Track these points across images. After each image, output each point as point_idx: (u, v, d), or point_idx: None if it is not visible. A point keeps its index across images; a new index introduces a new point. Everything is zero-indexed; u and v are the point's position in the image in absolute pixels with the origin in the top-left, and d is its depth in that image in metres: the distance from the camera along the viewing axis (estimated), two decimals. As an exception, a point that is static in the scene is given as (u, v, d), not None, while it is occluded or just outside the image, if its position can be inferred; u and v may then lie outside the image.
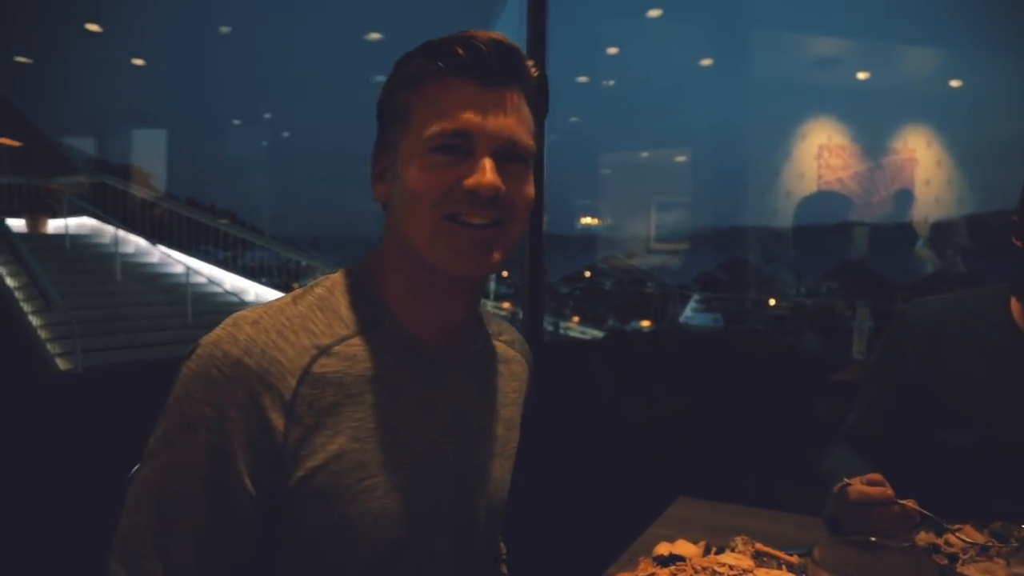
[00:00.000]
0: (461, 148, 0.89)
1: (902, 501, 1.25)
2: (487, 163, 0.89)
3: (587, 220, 10.38)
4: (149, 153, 10.64)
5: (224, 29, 10.90)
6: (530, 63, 0.96)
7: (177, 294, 8.31)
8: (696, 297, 9.58)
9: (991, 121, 8.67)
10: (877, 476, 1.26)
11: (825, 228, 8.67)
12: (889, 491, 1.23)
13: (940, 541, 1.26)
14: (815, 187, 8.22)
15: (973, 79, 8.61)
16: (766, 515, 1.45)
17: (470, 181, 0.88)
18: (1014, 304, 1.52)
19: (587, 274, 11.73)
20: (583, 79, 8.89)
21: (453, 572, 1.00)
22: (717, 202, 9.40)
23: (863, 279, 8.98)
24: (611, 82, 8.85)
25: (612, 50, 9.29)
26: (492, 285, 9.96)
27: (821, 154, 8.18)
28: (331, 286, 0.97)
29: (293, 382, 0.86)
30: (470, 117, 0.89)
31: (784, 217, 8.60)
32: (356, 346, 0.92)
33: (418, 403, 0.96)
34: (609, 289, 11.18)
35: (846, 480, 1.28)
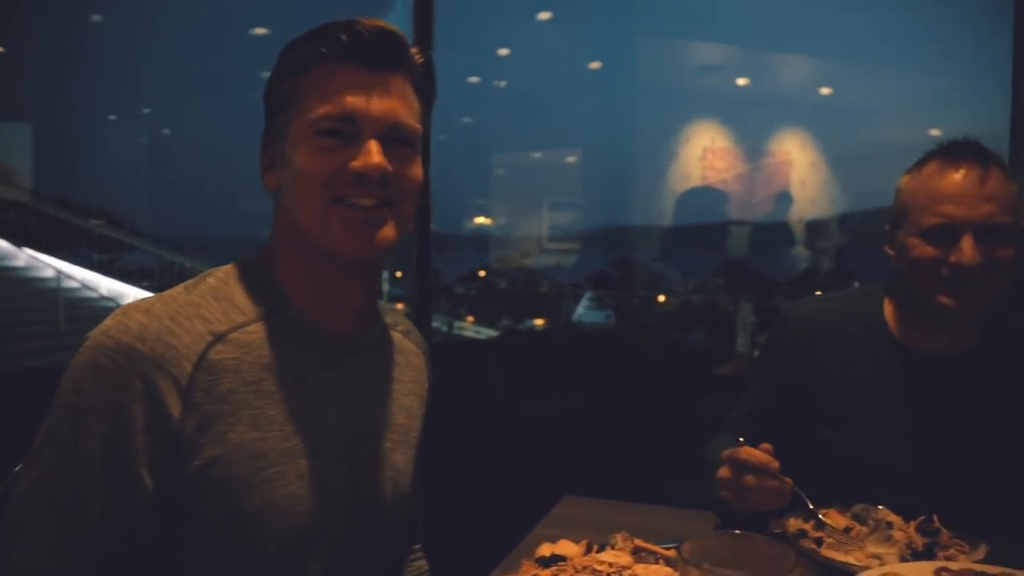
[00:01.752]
0: (347, 132, 0.90)
1: (782, 477, 1.30)
2: (373, 145, 0.89)
3: (481, 220, 10.42)
4: (10, 147, 9.89)
5: (96, 18, 10.28)
6: (414, 49, 0.96)
7: (47, 300, 7.82)
8: (588, 295, 9.78)
9: (861, 127, 9.26)
10: (767, 445, 1.31)
11: (707, 227, 9.04)
12: (775, 461, 1.28)
13: (808, 526, 1.31)
14: (699, 187, 8.55)
15: (844, 87, 9.18)
16: (649, 510, 1.47)
17: (356, 163, 0.89)
18: (887, 306, 1.58)
19: (482, 274, 11.78)
20: (475, 79, 8.92)
21: (360, 561, 0.99)
22: (607, 202, 9.64)
23: (746, 276, 9.42)
24: (503, 83, 8.92)
25: (503, 51, 9.36)
26: (386, 287, 9.83)
27: (705, 156, 8.52)
28: (225, 276, 0.95)
29: (189, 368, 0.84)
30: (355, 101, 0.90)
31: (670, 216, 8.91)
32: (254, 333, 0.91)
33: (319, 390, 0.95)
34: (504, 288, 11.27)
35: (741, 439, 1.31)
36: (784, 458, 1.64)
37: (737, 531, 0.80)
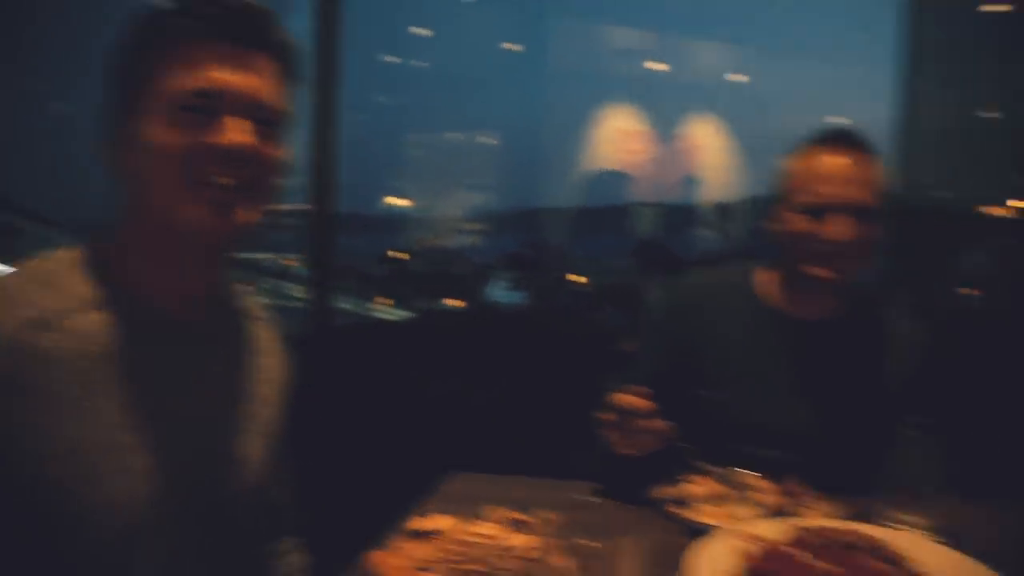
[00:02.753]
0: (209, 108, 0.87)
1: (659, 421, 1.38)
2: (235, 122, 0.87)
3: (396, 201, 10.29)
4: None
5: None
6: (280, 28, 0.94)
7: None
8: (502, 276, 9.81)
9: (768, 113, 9.57)
10: (644, 390, 1.39)
11: (619, 208, 9.19)
12: (652, 404, 1.37)
13: (678, 492, 1.38)
14: (612, 169, 8.68)
15: (753, 74, 9.45)
16: (539, 484, 1.51)
17: (219, 139, 0.86)
18: (759, 277, 1.72)
19: (398, 255, 11.64)
20: (391, 59, 8.79)
21: (207, 556, 0.96)
22: (522, 183, 9.67)
23: (658, 256, 9.63)
24: (423, 63, 8.81)
25: (420, 31, 9.23)
26: (295, 266, 9.61)
27: (618, 138, 8.64)
28: (59, 260, 0.90)
29: (9, 359, 0.80)
30: (218, 76, 0.87)
31: (583, 198, 9.02)
32: (89, 322, 0.86)
33: (160, 380, 0.91)
34: (419, 269, 11.17)
35: (616, 389, 1.40)
36: (672, 420, 1.73)
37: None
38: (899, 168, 5.02)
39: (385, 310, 10.22)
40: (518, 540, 1.09)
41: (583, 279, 9.82)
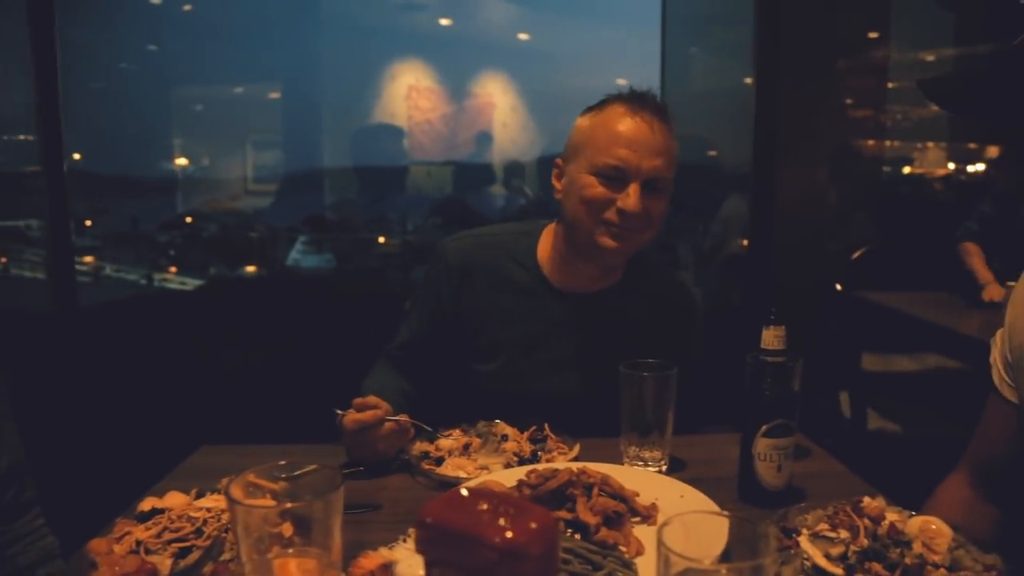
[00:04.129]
0: None
1: (396, 417, 1.35)
2: None
3: (179, 161, 9.54)
4: None
5: None
6: None
7: None
8: (303, 239, 9.46)
9: (555, 73, 9.84)
10: (371, 399, 1.35)
11: (415, 167, 9.13)
12: (380, 412, 1.32)
13: (431, 448, 1.40)
14: (405, 127, 8.57)
15: (540, 34, 9.65)
16: (290, 451, 1.48)
17: None
18: (543, 242, 1.66)
19: (188, 219, 10.86)
20: (157, 0, 8.02)
21: None
22: (313, 142, 9.29)
23: (461, 214, 9.71)
24: (188, 6, 8.09)
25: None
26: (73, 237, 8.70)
27: (410, 95, 8.53)
28: None
29: None
30: None
31: (377, 157, 8.84)
32: None
33: None
34: (212, 235, 10.50)
35: (339, 412, 1.34)
36: (439, 386, 1.72)
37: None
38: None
39: (171, 279, 9.54)
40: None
41: (391, 240, 9.70)
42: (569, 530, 1.04)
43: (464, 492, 0.63)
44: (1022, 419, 1.22)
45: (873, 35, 4.03)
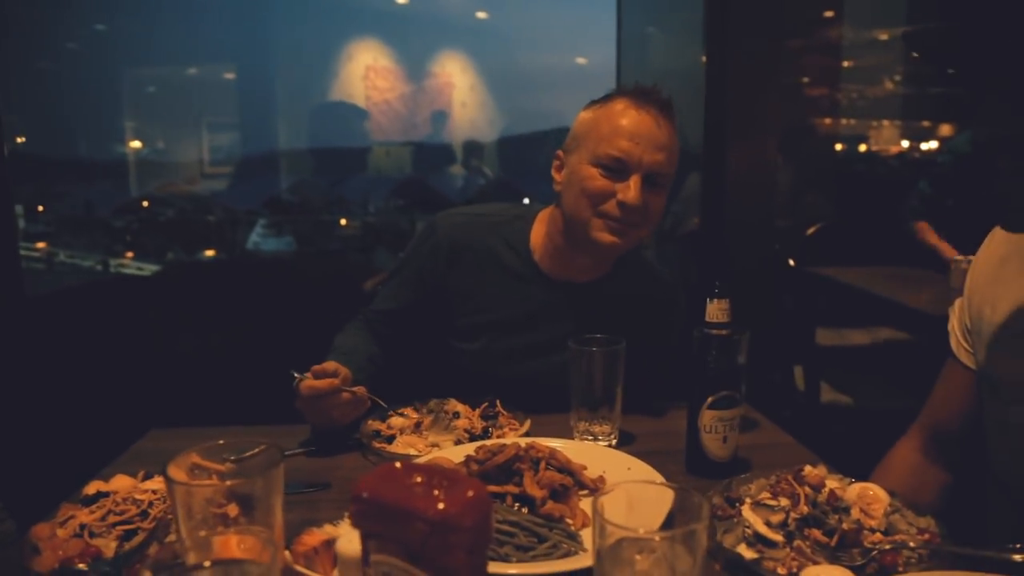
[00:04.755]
0: None
1: (352, 388, 1.36)
2: None
3: (132, 143, 9.32)
4: None
5: None
6: None
7: None
8: (262, 222, 9.34)
9: (515, 52, 9.80)
10: (330, 365, 1.35)
11: (370, 148, 9.04)
12: (336, 380, 1.32)
13: (383, 426, 1.40)
14: (364, 107, 8.48)
15: (499, 13, 9.58)
16: (238, 433, 1.46)
17: None
18: (536, 229, 1.65)
19: (144, 204, 10.65)
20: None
21: None
22: (268, 123, 9.14)
23: (422, 194, 9.66)
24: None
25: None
26: (21, 223, 8.47)
27: (368, 75, 8.44)
28: None
29: None
30: None
31: (334, 137, 8.75)
32: None
33: None
34: (169, 219, 10.31)
35: (296, 375, 1.35)
36: (411, 357, 1.71)
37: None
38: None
39: (128, 264, 9.36)
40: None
41: (351, 221, 9.62)
42: (516, 504, 1.06)
43: (398, 465, 0.64)
44: (979, 383, 1.27)
45: (828, 14, 4.07)
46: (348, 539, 0.73)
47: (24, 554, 0.95)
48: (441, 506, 0.59)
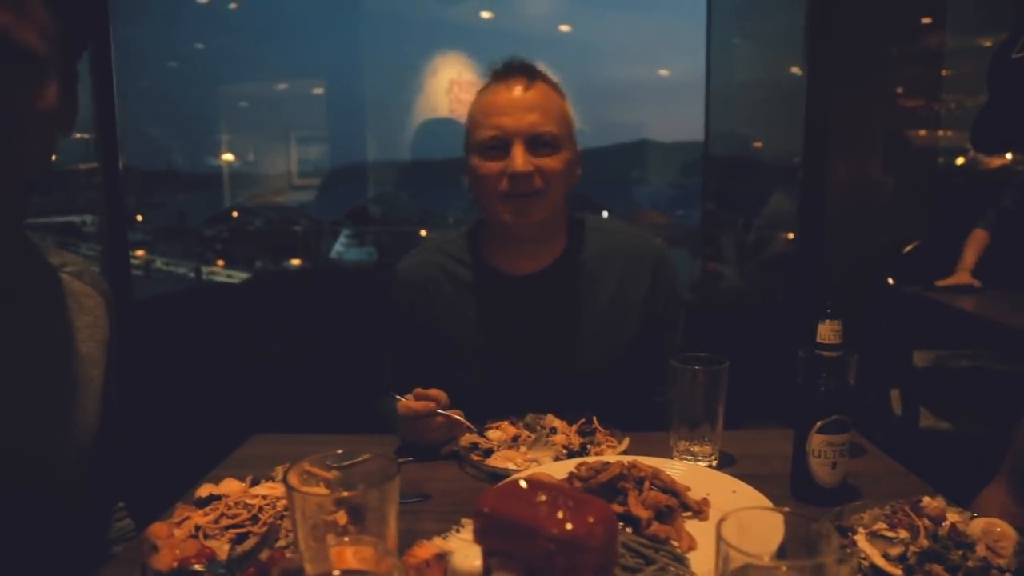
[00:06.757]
0: None
1: (447, 412, 1.36)
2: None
3: (225, 156, 9.71)
4: None
5: None
6: None
7: None
8: (346, 232, 9.55)
9: (598, 64, 9.79)
10: (432, 391, 1.37)
11: (455, 161, 9.12)
12: (432, 404, 1.34)
13: (480, 440, 1.40)
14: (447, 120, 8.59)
15: (582, 26, 9.60)
16: (340, 441, 1.49)
17: None
18: (484, 235, 1.66)
19: (234, 214, 11.06)
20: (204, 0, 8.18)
21: (29, 526, 0.93)
22: (355, 136, 9.37)
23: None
24: (234, 5, 8.22)
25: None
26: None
27: (451, 89, 8.55)
28: None
29: None
30: None
31: (419, 150, 8.89)
32: None
33: None
34: (257, 228, 10.68)
35: (397, 397, 1.36)
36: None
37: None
38: (715, 119, 5.29)
39: (219, 272, 9.73)
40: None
41: (432, 233, 9.74)
42: (621, 524, 1.04)
43: (523, 483, 0.63)
44: None
45: (927, 21, 3.91)
46: (464, 554, 0.72)
47: (143, 551, 0.98)
48: (569, 526, 0.58)
